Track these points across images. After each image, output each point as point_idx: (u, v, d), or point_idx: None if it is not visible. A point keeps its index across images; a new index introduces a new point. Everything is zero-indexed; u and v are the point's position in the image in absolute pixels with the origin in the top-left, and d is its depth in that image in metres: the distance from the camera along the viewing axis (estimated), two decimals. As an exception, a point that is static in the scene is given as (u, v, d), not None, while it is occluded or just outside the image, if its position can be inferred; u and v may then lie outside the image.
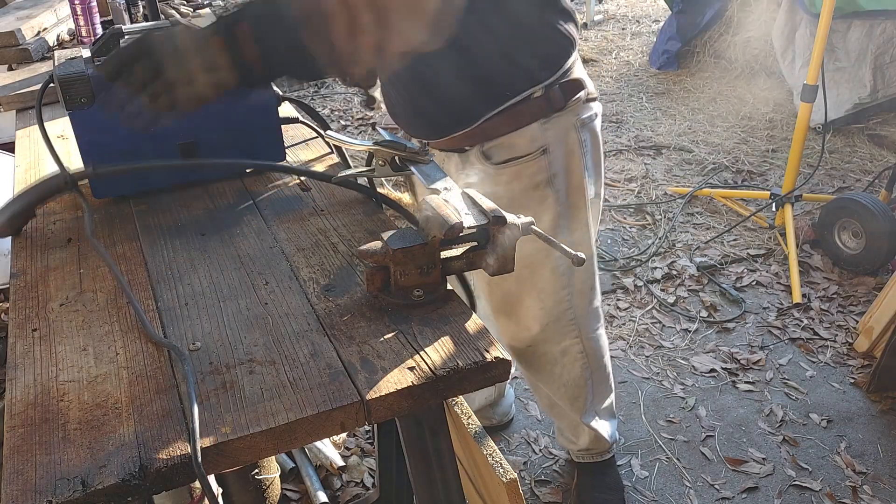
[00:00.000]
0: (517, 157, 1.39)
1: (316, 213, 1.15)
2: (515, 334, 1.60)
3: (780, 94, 4.17)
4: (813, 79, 2.68)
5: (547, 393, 1.71)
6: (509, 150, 1.39)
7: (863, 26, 3.52)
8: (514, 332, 1.60)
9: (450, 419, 1.01)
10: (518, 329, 1.58)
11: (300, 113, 1.47)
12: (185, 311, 0.91)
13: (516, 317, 1.57)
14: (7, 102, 1.71)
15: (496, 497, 1.01)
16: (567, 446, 1.88)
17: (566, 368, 1.64)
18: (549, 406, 1.78)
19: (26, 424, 0.75)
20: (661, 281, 2.72)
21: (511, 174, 1.40)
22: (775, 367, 2.28)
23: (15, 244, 1.10)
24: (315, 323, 0.88)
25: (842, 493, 1.85)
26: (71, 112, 1.12)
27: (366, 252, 0.87)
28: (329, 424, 0.76)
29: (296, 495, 1.87)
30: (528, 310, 1.54)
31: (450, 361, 0.81)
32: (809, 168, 3.37)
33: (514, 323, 1.58)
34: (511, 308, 1.56)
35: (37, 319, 0.92)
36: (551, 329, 1.56)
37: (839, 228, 2.71)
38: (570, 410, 1.72)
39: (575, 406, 1.71)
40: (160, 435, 0.72)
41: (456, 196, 0.96)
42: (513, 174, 1.40)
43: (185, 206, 1.18)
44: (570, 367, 1.64)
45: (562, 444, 1.91)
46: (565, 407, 1.72)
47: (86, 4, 1.96)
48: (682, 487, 1.89)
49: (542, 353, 1.62)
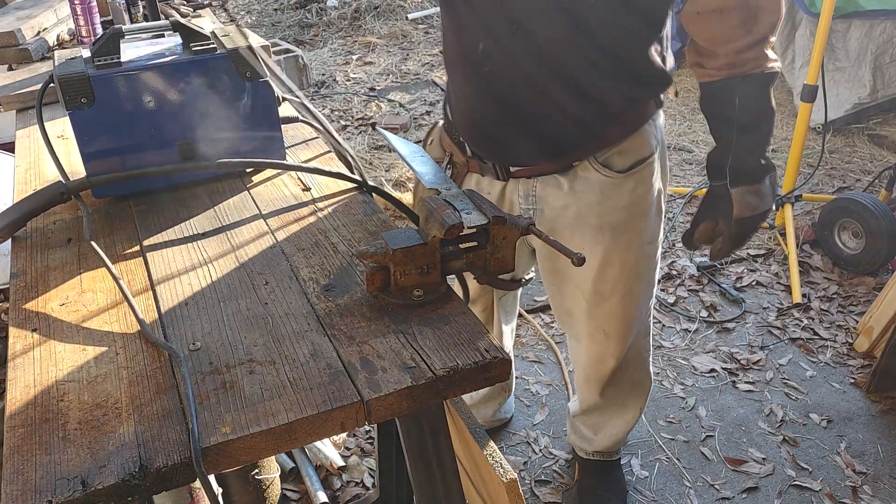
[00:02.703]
0: (642, 160, 1.34)
1: (316, 213, 1.15)
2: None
3: (780, 94, 4.17)
4: (813, 79, 2.68)
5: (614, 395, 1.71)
6: (632, 154, 1.33)
7: (863, 26, 3.52)
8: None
9: (450, 419, 1.01)
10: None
11: (301, 113, 1.47)
12: (185, 311, 0.91)
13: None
14: (7, 102, 1.71)
15: (496, 497, 1.01)
16: (580, 445, 1.87)
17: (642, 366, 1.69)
18: (593, 405, 1.76)
19: (26, 424, 0.75)
20: (661, 281, 2.72)
21: (637, 179, 1.34)
22: (775, 367, 2.28)
23: (15, 244, 1.10)
24: (315, 323, 0.88)
25: (842, 493, 1.85)
26: (71, 112, 1.12)
27: (366, 252, 0.87)
28: (329, 424, 0.76)
29: (296, 495, 1.87)
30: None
31: (450, 361, 0.81)
32: (809, 168, 3.37)
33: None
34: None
35: (37, 319, 0.92)
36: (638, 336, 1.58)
37: (839, 228, 2.71)
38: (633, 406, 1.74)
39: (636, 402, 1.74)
40: (160, 435, 0.72)
41: (456, 196, 0.96)
42: (639, 179, 1.35)
43: (185, 206, 1.18)
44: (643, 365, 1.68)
45: (573, 443, 1.90)
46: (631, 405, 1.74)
47: (86, 4, 1.96)
48: (682, 487, 1.89)
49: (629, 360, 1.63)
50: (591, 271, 1.43)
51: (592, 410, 1.77)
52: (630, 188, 1.35)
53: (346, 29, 5.91)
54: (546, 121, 1.27)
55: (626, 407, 1.74)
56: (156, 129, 1.17)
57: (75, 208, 1.18)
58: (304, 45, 5.56)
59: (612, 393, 1.69)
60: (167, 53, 1.19)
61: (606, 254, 1.41)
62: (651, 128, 1.34)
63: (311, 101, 4.49)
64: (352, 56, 5.31)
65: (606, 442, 1.80)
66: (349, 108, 4.42)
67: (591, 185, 1.34)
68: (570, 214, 1.38)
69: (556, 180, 1.35)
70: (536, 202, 1.39)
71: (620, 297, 1.47)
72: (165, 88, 1.16)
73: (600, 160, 1.32)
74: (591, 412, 1.78)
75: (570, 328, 1.62)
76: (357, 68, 5.07)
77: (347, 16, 6.02)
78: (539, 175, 1.35)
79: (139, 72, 1.14)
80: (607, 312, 1.50)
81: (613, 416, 1.76)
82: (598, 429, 1.80)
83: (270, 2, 6.68)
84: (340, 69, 5.06)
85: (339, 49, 5.50)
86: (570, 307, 1.55)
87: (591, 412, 1.78)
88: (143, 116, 1.16)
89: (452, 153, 1.44)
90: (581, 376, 1.71)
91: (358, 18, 5.96)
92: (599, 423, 1.79)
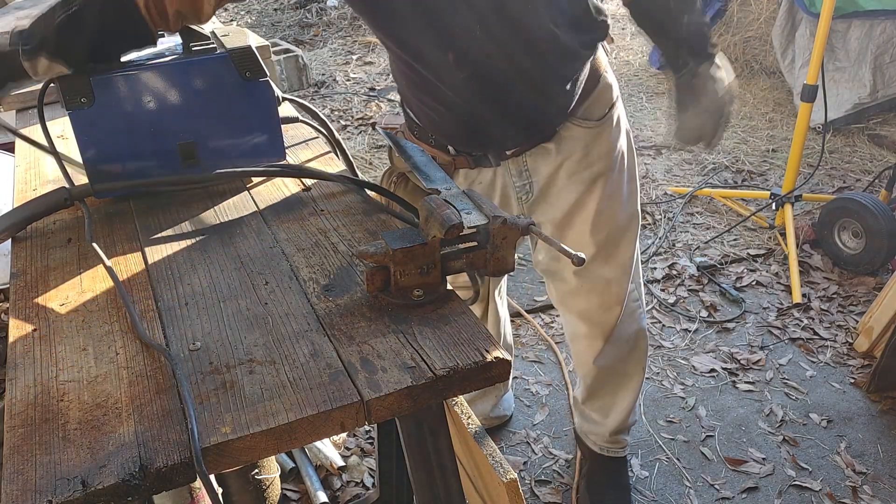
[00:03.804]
0: (612, 103, 1.42)
1: (316, 213, 1.15)
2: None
3: (780, 94, 4.17)
4: (813, 79, 2.68)
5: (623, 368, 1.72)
6: (604, 99, 1.41)
7: (863, 26, 3.52)
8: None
9: (450, 419, 1.01)
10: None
11: (300, 113, 1.47)
12: (185, 311, 0.91)
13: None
14: (7, 102, 1.71)
15: (496, 497, 1.01)
16: (592, 432, 1.85)
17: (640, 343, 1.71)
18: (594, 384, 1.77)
19: (26, 424, 0.75)
20: (662, 281, 2.72)
21: (615, 120, 1.43)
22: (775, 367, 2.28)
23: (15, 244, 1.10)
24: (315, 323, 0.88)
25: (842, 493, 1.85)
26: (71, 112, 1.12)
27: (366, 252, 0.87)
28: (329, 424, 0.76)
29: (296, 495, 1.87)
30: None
31: (450, 361, 0.81)
32: (809, 168, 3.37)
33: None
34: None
35: (37, 319, 0.91)
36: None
37: (839, 228, 2.71)
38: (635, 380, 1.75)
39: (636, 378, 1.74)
40: (160, 435, 0.72)
41: (456, 196, 0.96)
42: (615, 120, 1.43)
43: (185, 206, 1.18)
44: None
45: (584, 433, 1.88)
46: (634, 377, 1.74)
47: (86, 4, 1.95)
48: (682, 487, 1.89)
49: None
50: (587, 224, 1.48)
51: (597, 389, 1.75)
52: (608, 133, 1.42)
53: (346, 29, 5.91)
54: (531, 97, 1.32)
55: (628, 375, 1.73)
56: (156, 129, 1.17)
57: (76, 208, 1.18)
58: (303, 45, 5.56)
59: (611, 356, 1.68)
60: (167, 53, 1.19)
61: (600, 202, 1.46)
62: (611, 76, 1.42)
63: (310, 101, 4.49)
64: (352, 56, 5.31)
65: (620, 417, 1.78)
66: (349, 107, 4.42)
67: (576, 141, 1.41)
68: (562, 175, 1.44)
69: (544, 148, 1.41)
70: (530, 175, 1.45)
71: (618, 235, 1.53)
72: (165, 88, 1.16)
73: (579, 115, 1.39)
74: (596, 392, 1.76)
75: (570, 299, 1.63)
76: (357, 68, 5.07)
77: (347, 16, 6.02)
78: (527, 150, 1.41)
79: (139, 72, 1.14)
80: (606, 256, 1.54)
81: (619, 389, 1.74)
82: (607, 410, 1.78)
83: (270, 2, 6.69)
84: (340, 69, 5.06)
85: (339, 49, 5.50)
86: (565, 275, 1.59)
87: (597, 391, 1.76)
88: (142, 116, 1.16)
89: (434, 157, 1.44)
90: (581, 346, 1.70)
91: (358, 18, 5.96)
92: (607, 403, 1.77)
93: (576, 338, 1.71)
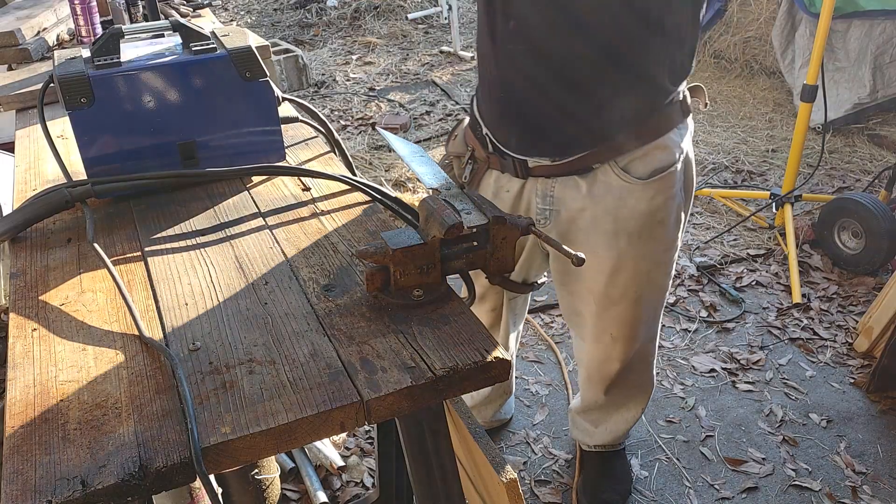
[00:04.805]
0: (663, 168, 1.31)
1: (316, 213, 1.15)
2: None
3: (780, 94, 4.17)
4: (812, 79, 2.68)
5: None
6: (653, 161, 1.31)
7: (863, 26, 3.52)
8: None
9: (450, 419, 1.01)
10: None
11: (300, 113, 1.47)
12: (184, 311, 0.91)
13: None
14: (7, 102, 1.71)
15: (496, 497, 1.01)
16: (581, 438, 1.88)
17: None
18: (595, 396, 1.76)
19: (26, 424, 0.75)
20: (661, 281, 2.72)
21: (657, 188, 1.32)
22: (775, 367, 2.28)
23: (15, 244, 1.10)
24: (315, 323, 0.88)
25: (842, 493, 1.85)
26: (71, 112, 1.12)
27: (365, 252, 0.87)
28: (329, 424, 0.76)
29: (296, 495, 1.87)
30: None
31: (449, 361, 0.81)
32: (809, 168, 3.37)
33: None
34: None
35: (37, 319, 0.91)
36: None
37: (839, 228, 2.71)
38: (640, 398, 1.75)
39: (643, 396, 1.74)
40: (160, 435, 0.72)
41: (456, 196, 0.96)
42: (659, 188, 1.32)
43: (185, 206, 1.18)
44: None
45: (575, 437, 1.91)
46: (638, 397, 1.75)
47: (86, 4, 1.96)
48: (681, 487, 1.89)
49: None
50: (603, 275, 1.43)
51: (593, 409, 1.78)
52: (649, 196, 1.33)
53: (346, 29, 5.91)
54: (573, 93, 1.26)
55: (626, 407, 1.76)
56: (156, 129, 1.17)
57: (76, 208, 1.18)
58: (303, 45, 5.56)
59: (614, 393, 1.70)
60: (167, 53, 1.19)
61: (620, 259, 1.40)
62: (676, 137, 1.32)
63: (310, 101, 4.49)
64: (352, 56, 5.31)
65: (607, 437, 1.82)
66: (349, 108, 4.42)
67: (609, 190, 1.33)
68: (586, 217, 1.38)
69: (575, 182, 1.34)
70: (553, 203, 1.39)
71: (630, 302, 1.46)
72: (165, 88, 1.16)
73: (621, 165, 1.31)
74: (591, 410, 1.79)
75: (577, 328, 1.62)
76: (357, 68, 5.07)
77: (347, 16, 6.02)
78: (558, 175, 1.35)
79: (139, 72, 1.14)
80: (615, 316, 1.49)
81: (614, 414, 1.78)
82: (598, 423, 1.82)
83: (270, 2, 6.69)
84: (340, 69, 5.06)
85: (339, 49, 5.50)
86: (579, 308, 1.55)
87: (592, 410, 1.79)
88: (142, 116, 1.16)
89: (475, 148, 1.45)
90: (584, 375, 1.72)
91: (358, 18, 5.97)
92: (599, 419, 1.81)
93: (580, 366, 1.74)
